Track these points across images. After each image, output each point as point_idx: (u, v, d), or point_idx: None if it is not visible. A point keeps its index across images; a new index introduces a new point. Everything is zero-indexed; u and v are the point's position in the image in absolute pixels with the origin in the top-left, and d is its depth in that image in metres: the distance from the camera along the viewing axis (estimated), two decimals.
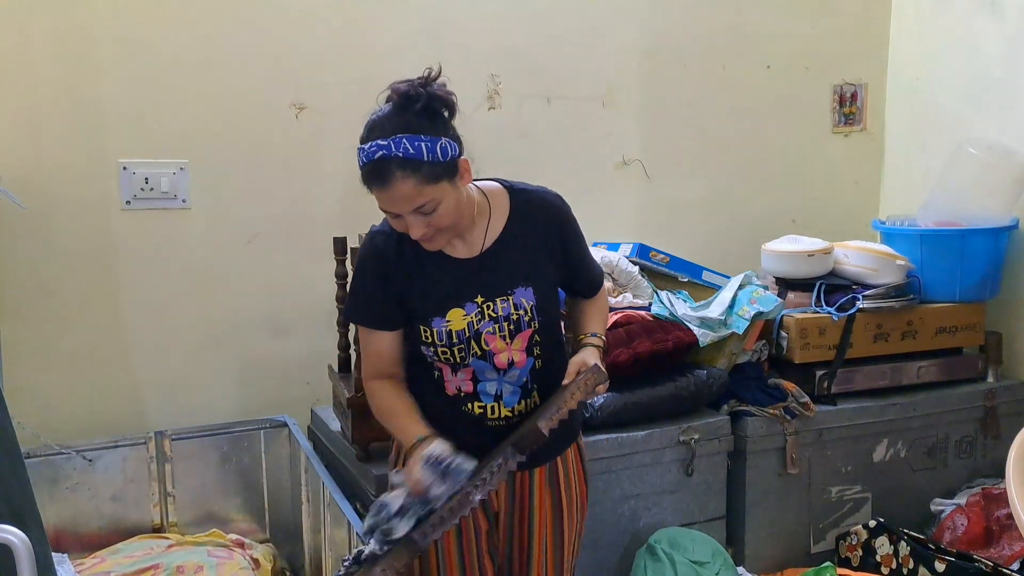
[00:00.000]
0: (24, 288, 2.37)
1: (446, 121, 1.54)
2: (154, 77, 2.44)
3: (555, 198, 1.74)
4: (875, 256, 2.79)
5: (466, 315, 1.62)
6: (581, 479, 1.82)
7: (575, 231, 1.75)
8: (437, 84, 1.54)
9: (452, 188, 1.52)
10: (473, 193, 1.64)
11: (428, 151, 1.46)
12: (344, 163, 2.65)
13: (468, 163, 1.55)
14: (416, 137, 1.46)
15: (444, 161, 1.48)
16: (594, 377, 1.64)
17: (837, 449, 2.67)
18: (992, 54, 2.97)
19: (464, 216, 1.59)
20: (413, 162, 1.45)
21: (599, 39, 2.96)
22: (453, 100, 1.55)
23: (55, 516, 2.26)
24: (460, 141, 1.54)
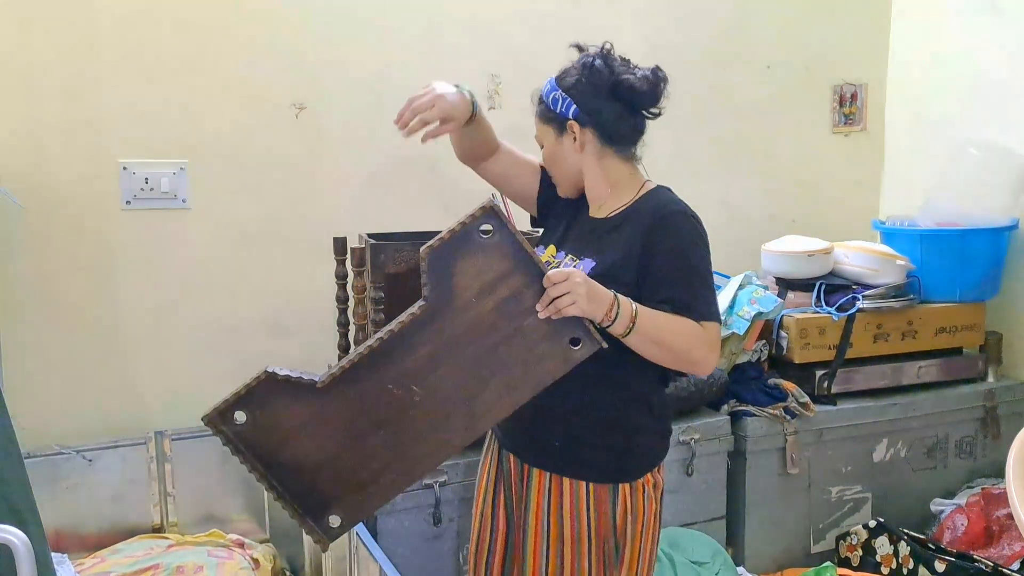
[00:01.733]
0: (24, 288, 2.37)
1: (580, 84, 1.67)
2: (154, 77, 2.44)
3: (677, 209, 1.65)
4: (875, 256, 2.79)
5: (554, 257, 1.75)
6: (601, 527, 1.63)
7: (677, 249, 1.61)
8: (618, 63, 1.68)
9: (555, 138, 1.71)
10: (611, 173, 1.72)
11: (546, 95, 1.71)
12: (344, 163, 2.67)
13: (579, 130, 1.67)
14: (553, 80, 1.71)
15: (554, 110, 1.68)
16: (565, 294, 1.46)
17: (837, 449, 2.67)
18: (992, 54, 2.97)
19: (566, 172, 1.73)
20: (540, 96, 1.73)
21: (599, 39, 2.94)
22: (596, 72, 1.65)
23: (55, 516, 2.26)
24: (585, 109, 1.66)
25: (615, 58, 1.68)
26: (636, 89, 1.65)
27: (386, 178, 2.72)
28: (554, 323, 1.48)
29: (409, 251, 2.11)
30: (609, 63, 1.67)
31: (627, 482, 1.65)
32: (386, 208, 2.70)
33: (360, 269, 2.12)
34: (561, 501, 1.65)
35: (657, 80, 1.67)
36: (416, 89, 2.74)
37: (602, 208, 1.73)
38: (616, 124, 1.68)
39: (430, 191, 2.77)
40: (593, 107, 1.66)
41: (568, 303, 1.44)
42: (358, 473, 1.51)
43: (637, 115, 1.70)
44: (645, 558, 1.70)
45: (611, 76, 1.65)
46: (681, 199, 1.71)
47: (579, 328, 1.49)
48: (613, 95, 1.66)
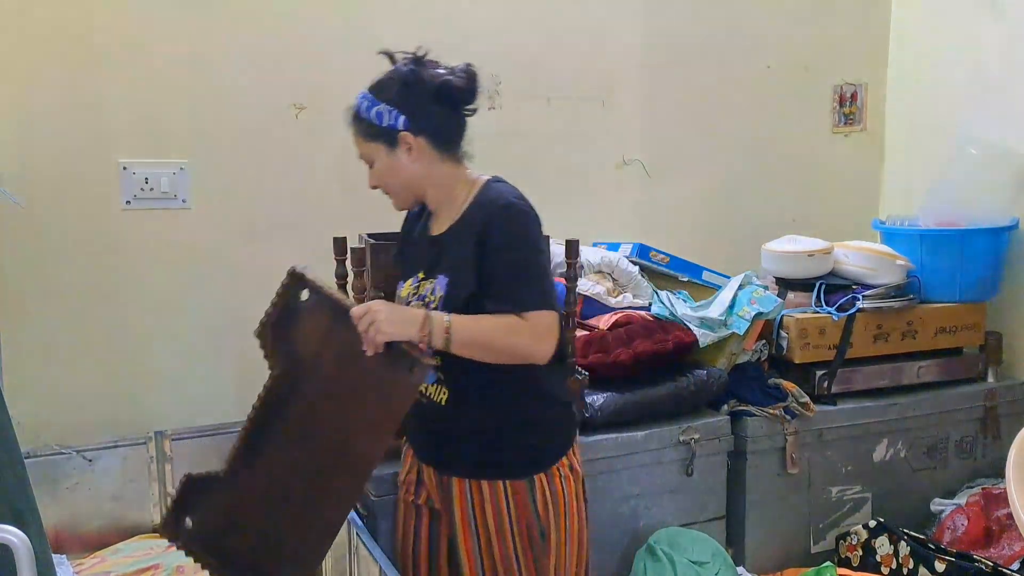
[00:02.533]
0: (24, 288, 2.37)
1: (404, 94, 1.64)
2: (154, 77, 2.44)
3: (500, 204, 1.64)
4: (875, 256, 2.79)
5: (408, 286, 1.76)
6: (523, 519, 1.69)
7: (500, 244, 1.60)
8: (434, 69, 1.66)
9: (387, 153, 1.67)
10: (446, 177, 1.71)
11: (365, 110, 1.67)
12: (344, 163, 2.66)
13: (413, 140, 1.64)
14: (367, 96, 1.67)
15: (378, 125, 1.65)
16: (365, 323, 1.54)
17: (837, 449, 2.67)
18: (992, 54, 2.97)
19: (404, 185, 1.70)
20: (355, 114, 1.69)
21: (599, 39, 2.96)
22: (419, 79, 1.64)
23: (55, 516, 2.26)
24: (416, 118, 1.63)
25: (429, 62, 1.67)
26: (460, 88, 1.65)
27: None
28: (387, 356, 1.54)
29: None
30: (428, 67, 1.66)
31: (542, 472, 1.71)
32: (386, 208, 2.69)
33: (360, 269, 2.11)
34: (483, 503, 1.69)
35: (475, 75, 1.68)
36: None
37: (443, 219, 1.73)
38: (446, 127, 1.69)
39: None
40: (422, 114, 1.64)
41: (375, 332, 1.51)
42: (288, 539, 1.63)
43: (460, 114, 1.70)
44: (573, 540, 1.76)
45: (433, 80, 1.64)
46: (509, 188, 1.70)
47: (405, 354, 1.55)
48: (438, 99, 1.65)
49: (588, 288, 2.59)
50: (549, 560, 1.72)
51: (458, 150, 1.72)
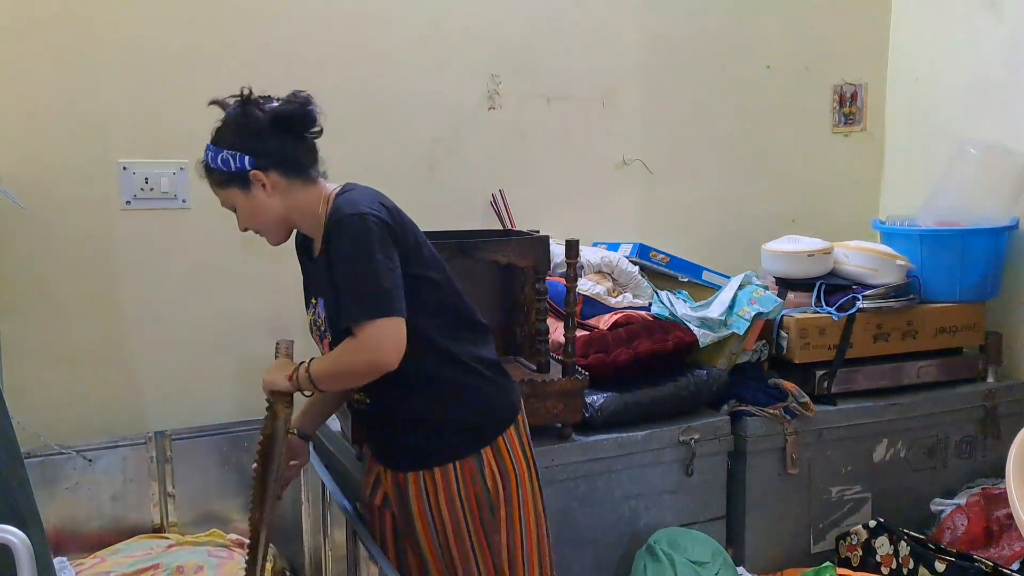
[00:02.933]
0: (24, 288, 2.37)
1: (242, 135, 1.66)
2: (154, 77, 2.44)
3: (333, 220, 1.64)
4: (875, 256, 2.79)
5: (309, 313, 1.79)
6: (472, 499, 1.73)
7: (334, 259, 1.62)
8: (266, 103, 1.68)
9: (244, 195, 1.69)
10: (307, 202, 1.72)
11: (211, 159, 1.68)
12: (344, 163, 2.66)
13: (263, 176, 1.67)
14: (209, 147, 1.69)
15: (228, 171, 1.67)
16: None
17: (837, 449, 2.67)
18: (992, 54, 2.97)
19: (270, 220, 1.72)
20: (206, 166, 1.71)
21: (599, 39, 2.96)
22: (253, 118, 1.66)
23: (55, 516, 2.26)
24: (259, 155, 1.66)
25: (257, 98, 1.69)
26: (292, 115, 1.68)
27: (386, 178, 2.71)
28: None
29: None
30: (256, 104, 1.68)
31: (487, 446, 1.73)
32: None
33: None
34: (436, 492, 1.72)
35: (304, 99, 1.70)
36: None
37: (317, 241, 1.74)
38: (293, 155, 1.69)
39: (430, 191, 2.77)
40: (264, 149, 1.66)
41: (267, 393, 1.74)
42: None
43: (305, 139, 1.72)
44: (528, 512, 1.78)
45: (265, 114, 1.66)
46: (349, 197, 1.68)
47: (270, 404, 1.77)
48: (276, 129, 1.67)
49: (588, 288, 2.59)
50: (500, 536, 1.75)
51: (313, 173, 1.72)
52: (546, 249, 2.23)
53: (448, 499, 1.72)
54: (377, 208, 1.63)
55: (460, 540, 1.73)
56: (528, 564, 1.79)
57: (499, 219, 2.81)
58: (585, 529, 2.35)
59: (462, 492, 1.72)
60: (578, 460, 2.30)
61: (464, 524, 1.73)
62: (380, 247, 1.60)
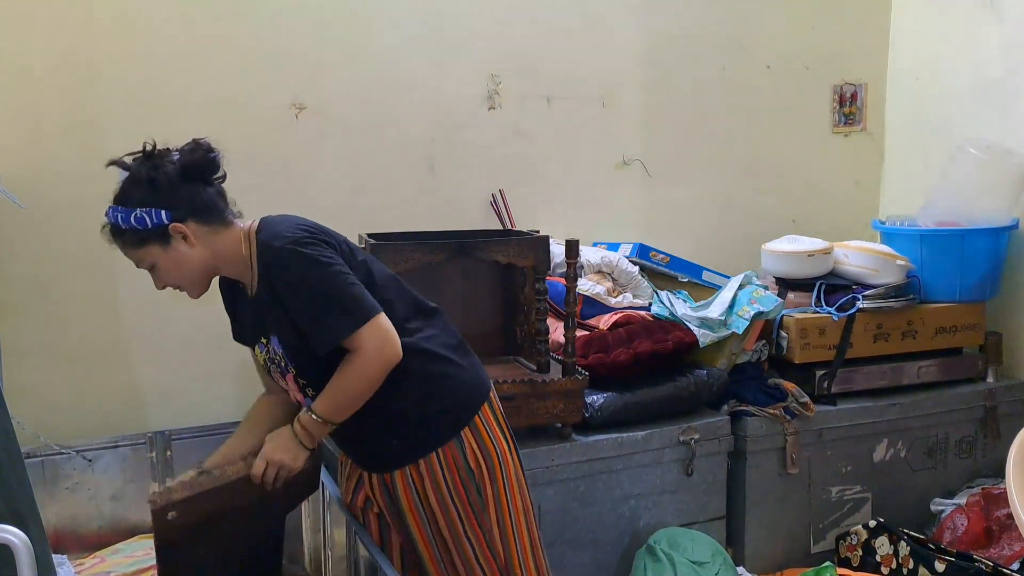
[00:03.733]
0: (24, 288, 2.37)
1: (155, 190, 1.62)
2: (154, 77, 2.44)
3: (266, 257, 1.63)
4: (875, 256, 2.79)
5: (259, 352, 1.77)
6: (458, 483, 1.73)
7: (285, 292, 1.62)
8: (168, 156, 1.65)
9: (164, 251, 1.64)
10: (229, 245, 1.68)
11: (123, 220, 1.61)
12: (344, 163, 2.67)
13: (183, 227, 1.63)
14: (117, 208, 1.63)
15: (144, 229, 1.62)
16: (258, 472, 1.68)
17: (837, 449, 2.67)
18: (992, 54, 2.97)
19: (195, 272, 1.68)
20: (115, 228, 1.64)
21: (599, 39, 2.96)
22: (162, 171, 1.62)
23: (55, 516, 2.26)
24: (175, 207, 1.62)
25: (159, 152, 1.66)
26: (199, 163, 1.66)
27: (386, 178, 2.72)
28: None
29: (409, 251, 2.12)
30: (161, 157, 1.65)
31: (466, 427, 1.74)
32: (386, 208, 2.70)
33: None
34: (423, 483, 1.72)
35: (206, 147, 1.68)
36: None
37: (249, 282, 1.71)
38: (206, 202, 1.67)
39: (430, 191, 2.78)
40: (178, 200, 1.63)
41: (286, 473, 1.68)
42: None
43: (212, 184, 1.70)
44: (513, 486, 1.79)
45: (173, 166, 1.64)
46: (271, 228, 1.66)
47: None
48: (185, 180, 1.65)
49: (588, 288, 2.59)
50: (490, 514, 1.76)
51: (228, 215, 1.70)
52: (546, 249, 2.23)
53: (435, 487, 1.72)
54: (300, 230, 1.63)
55: (452, 526, 1.74)
56: (519, 536, 1.80)
57: (499, 219, 2.81)
58: (585, 529, 2.35)
59: (448, 479, 1.72)
60: (578, 460, 2.30)
61: (454, 509, 1.73)
62: (325, 261, 1.61)
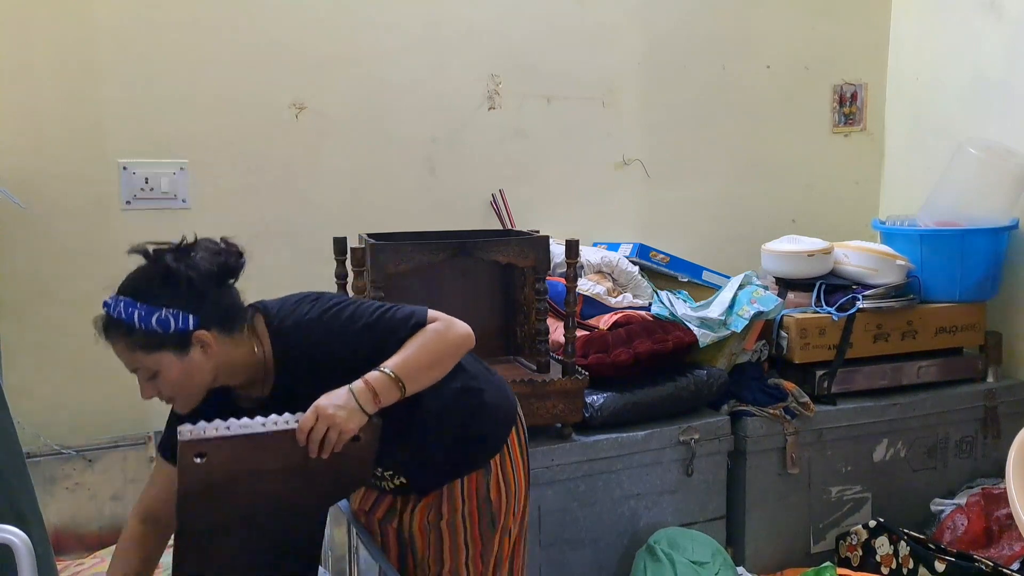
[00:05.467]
0: (24, 288, 2.37)
1: (182, 292, 1.45)
2: (154, 77, 2.44)
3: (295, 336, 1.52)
4: (875, 256, 2.79)
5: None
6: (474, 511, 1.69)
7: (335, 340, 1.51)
8: (197, 253, 1.49)
9: (177, 360, 1.45)
10: (242, 356, 1.52)
11: (141, 319, 1.43)
12: (344, 163, 2.67)
13: (207, 336, 1.46)
14: (133, 304, 1.44)
15: (163, 332, 1.43)
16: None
17: (837, 449, 2.67)
18: (992, 54, 2.97)
19: (202, 386, 1.50)
20: (124, 325, 1.44)
21: (599, 39, 2.96)
22: (197, 271, 1.46)
23: (55, 516, 2.26)
24: (204, 313, 1.46)
25: (188, 248, 1.50)
26: (232, 268, 1.53)
27: (386, 178, 2.72)
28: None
29: (409, 251, 2.12)
30: (195, 255, 1.49)
31: (496, 454, 1.70)
32: (386, 208, 2.70)
33: (360, 269, 2.11)
34: (441, 506, 1.69)
35: (238, 251, 1.54)
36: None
37: (255, 385, 1.56)
38: (230, 307, 1.52)
39: (430, 191, 2.78)
40: (209, 306, 1.47)
41: (336, 436, 1.41)
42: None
43: (232, 288, 1.54)
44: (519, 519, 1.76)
45: (210, 265, 1.48)
46: (278, 311, 1.55)
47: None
48: (219, 283, 1.50)
49: (588, 288, 2.59)
50: (493, 545, 1.72)
51: (245, 322, 1.54)
52: (546, 249, 2.23)
53: (451, 510, 1.69)
54: (308, 301, 1.56)
55: (455, 553, 1.71)
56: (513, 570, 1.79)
57: (499, 219, 2.81)
58: (585, 529, 2.35)
59: (465, 506, 1.69)
60: (578, 460, 2.30)
61: (463, 535, 1.70)
62: (349, 301, 1.54)
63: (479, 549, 1.71)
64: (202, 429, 1.37)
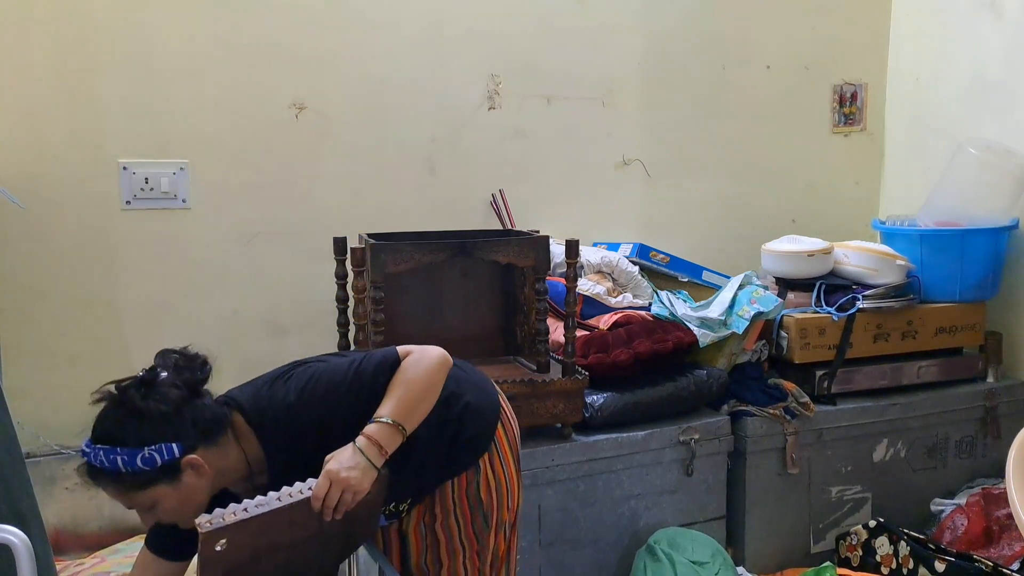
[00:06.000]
0: (24, 288, 2.37)
1: (158, 426, 1.40)
2: (154, 77, 2.44)
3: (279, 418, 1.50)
4: (875, 256, 2.79)
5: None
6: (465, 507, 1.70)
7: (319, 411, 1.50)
8: (161, 377, 1.45)
9: (172, 489, 1.42)
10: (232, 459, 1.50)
11: (125, 464, 1.38)
12: (344, 163, 2.67)
13: (196, 459, 1.42)
14: (112, 450, 1.39)
15: (151, 469, 1.39)
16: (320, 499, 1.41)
17: (837, 449, 2.67)
18: (992, 54, 2.97)
19: (199, 506, 1.46)
20: (111, 473, 1.40)
21: (599, 39, 2.96)
22: (167, 401, 1.42)
23: (55, 516, 2.26)
24: (184, 437, 1.42)
25: (153, 378, 1.45)
26: (204, 377, 1.51)
27: (386, 178, 2.72)
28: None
29: (409, 251, 2.12)
30: (163, 384, 1.44)
31: (485, 453, 1.71)
32: (386, 208, 2.70)
33: (360, 269, 2.11)
34: (434, 507, 1.70)
35: (203, 360, 1.53)
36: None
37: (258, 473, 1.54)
38: (210, 420, 1.47)
39: (430, 191, 2.78)
40: (187, 428, 1.43)
41: (351, 497, 1.42)
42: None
43: (205, 395, 1.51)
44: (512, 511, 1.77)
45: (179, 388, 1.45)
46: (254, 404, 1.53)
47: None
48: (191, 402, 1.45)
49: (588, 288, 2.59)
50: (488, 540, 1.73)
51: (225, 427, 1.50)
52: (546, 249, 2.23)
53: (444, 511, 1.70)
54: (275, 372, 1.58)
55: (452, 554, 1.71)
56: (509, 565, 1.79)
57: (499, 219, 2.81)
58: (585, 529, 2.35)
59: (457, 508, 1.70)
60: (578, 460, 2.31)
61: (458, 535, 1.71)
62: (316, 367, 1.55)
63: (475, 548, 1.72)
64: (220, 516, 1.33)
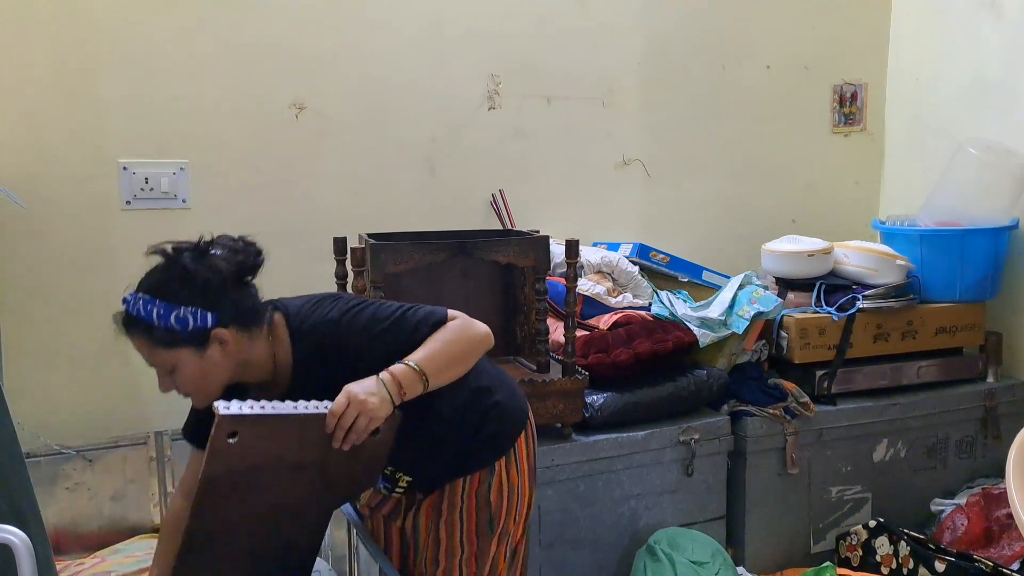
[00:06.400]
0: (24, 288, 2.37)
1: (200, 291, 1.47)
2: (154, 77, 2.44)
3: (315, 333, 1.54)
4: (875, 256, 2.79)
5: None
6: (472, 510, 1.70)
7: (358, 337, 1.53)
8: (215, 252, 1.51)
9: (196, 357, 1.48)
10: (259, 353, 1.55)
11: (160, 317, 1.45)
12: (344, 163, 2.67)
13: (226, 334, 1.48)
14: (152, 301, 1.46)
15: (181, 329, 1.45)
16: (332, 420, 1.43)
17: (837, 449, 2.67)
18: (992, 54, 2.97)
19: (219, 383, 1.52)
20: (143, 323, 1.46)
21: (599, 39, 2.96)
22: (215, 271, 1.48)
23: (55, 516, 2.26)
24: (222, 311, 1.48)
25: (205, 246, 1.51)
26: (251, 267, 1.56)
27: (386, 178, 2.72)
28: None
29: (409, 251, 2.12)
30: (214, 255, 1.50)
31: (502, 456, 1.70)
32: (386, 208, 2.70)
33: (360, 269, 2.11)
34: (441, 505, 1.70)
35: (256, 250, 1.57)
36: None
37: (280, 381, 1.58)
38: (249, 306, 1.54)
39: (430, 191, 2.78)
40: (227, 304, 1.49)
41: (365, 423, 1.42)
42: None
43: (251, 286, 1.58)
44: (520, 524, 1.77)
45: (229, 264, 1.51)
46: (300, 310, 1.58)
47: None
48: (236, 283, 1.52)
49: (588, 288, 2.59)
50: (491, 546, 1.72)
51: (264, 320, 1.56)
52: (546, 249, 2.23)
53: (449, 507, 1.70)
54: (329, 301, 1.59)
55: (451, 555, 1.71)
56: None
57: (499, 219, 2.81)
58: (585, 529, 2.35)
59: (464, 503, 1.69)
60: (578, 460, 2.31)
61: (459, 535, 1.71)
62: (368, 301, 1.56)
63: (474, 550, 1.71)
64: (238, 406, 1.36)
